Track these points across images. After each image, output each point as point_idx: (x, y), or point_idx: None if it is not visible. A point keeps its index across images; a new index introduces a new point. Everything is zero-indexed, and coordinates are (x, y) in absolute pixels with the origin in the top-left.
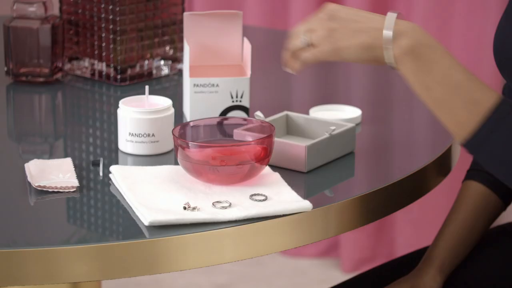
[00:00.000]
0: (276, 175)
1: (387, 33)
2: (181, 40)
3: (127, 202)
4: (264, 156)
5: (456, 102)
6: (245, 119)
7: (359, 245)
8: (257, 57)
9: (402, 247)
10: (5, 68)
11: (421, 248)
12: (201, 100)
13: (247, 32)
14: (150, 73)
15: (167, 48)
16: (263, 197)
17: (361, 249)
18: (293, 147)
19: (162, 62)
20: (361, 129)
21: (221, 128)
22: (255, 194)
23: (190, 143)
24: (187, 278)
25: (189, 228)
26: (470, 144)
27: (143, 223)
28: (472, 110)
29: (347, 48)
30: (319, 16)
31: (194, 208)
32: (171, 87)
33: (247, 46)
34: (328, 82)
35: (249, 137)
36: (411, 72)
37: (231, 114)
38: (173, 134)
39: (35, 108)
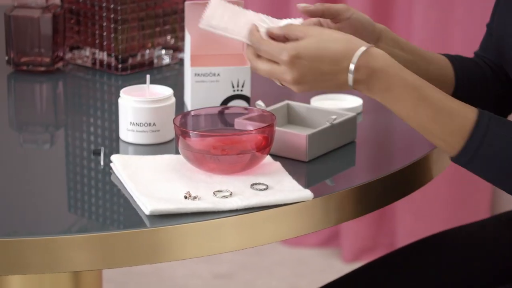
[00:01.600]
0: (277, 164)
1: (350, 85)
2: (182, 29)
3: (128, 191)
4: (265, 145)
5: (432, 135)
6: (246, 108)
7: (360, 234)
8: None
9: (403, 237)
10: (6, 58)
11: (422, 238)
12: (202, 89)
13: None
14: (151, 63)
15: (168, 37)
16: (264, 186)
17: (361, 239)
18: (294, 136)
19: (163, 51)
20: (362, 118)
21: (222, 117)
22: (256, 183)
23: (191, 132)
24: (187, 267)
25: (190, 217)
26: (458, 162)
27: (144, 212)
28: (449, 140)
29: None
30: (283, 78)
31: (195, 197)
32: (172, 76)
33: None
34: None
35: (250, 126)
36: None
37: (232, 103)
38: (174, 123)
39: (36, 98)
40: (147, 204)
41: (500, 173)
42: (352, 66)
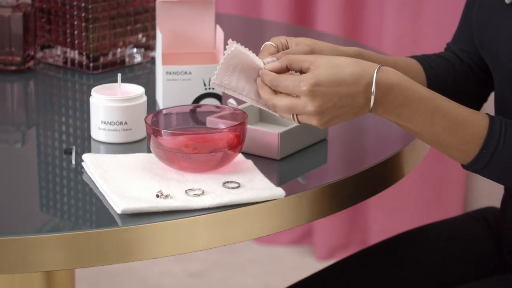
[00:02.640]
0: (249, 163)
1: (370, 107)
2: (153, 27)
3: (99, 190)
4: (237, 144)
5: (447, 146)
6: (217, 107)
7: (333, 232)
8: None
9: (376, 234)
10: None
11: (394, 235)
12: (174, 87)
13: (219, 19)
14: (122, 61)
15: (140, 35)
16: (236, 185)
17: (335, 236)
18: (266, 134)
19: (134, 50)
20: None
21: (193, 115)
22: (228, 182)
23: (163, 131)
24: (161, 266)
25: (162, 216)
26: (472, 169)
27: (115, 211)
28: (464, 149)
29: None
30: (305, 110)
31: (166, 196)
32: (144, 75)
33: (220, 33)
34: None
35: (222, 124)
36: (396, 124)
37: (204, 101)
38: (145, 122)
39: (7, 97)
40: (118, 203)
41: None
42: (373, 86)
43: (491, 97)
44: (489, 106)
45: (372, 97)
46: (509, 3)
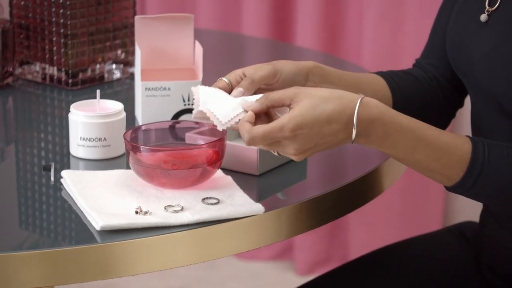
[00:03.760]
0: (228, 178)
1: (352, 140)
2: (132, 43)
3: (78, 207)
4: (216, 160)
5: (429, 171)
6: (196, 123)
7: (313, 247)
8: (209, 59)
9: (356, 249)
10: None
11: (374, 250)
12: (153, 103)
13: (198, 35)
14: (101, 77)
15: (119, 51)
16: (215, 201)
17: (315, 252)
18: (245, 150)
19: (113, 65)
20: None
21: (173, 131)
22: (207, 198)
23: (142, 147)
24: (141, 282)
25: (141, 232)
26: (455, 191)
27: (95, 228)
28: (448, 174)
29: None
30: (285, 151)
31: (146, 212)
32: (123, 91)
33: (199, 49)
34: None
35: (201, 140)
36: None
37: (183, 117)
38: (124, 138)
39: None
40: (97, 220)
41: (498, 197)
42: (355, 121)
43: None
44: (465, 110)
45: (354, 131)
46: (484, 21)
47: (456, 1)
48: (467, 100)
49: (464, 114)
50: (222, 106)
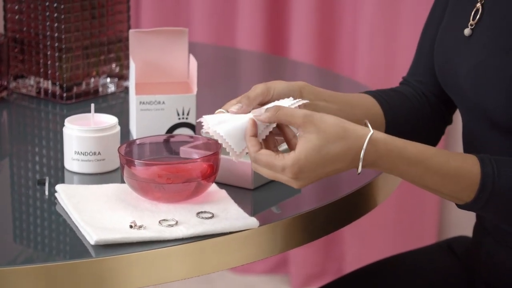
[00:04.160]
0: (223, 192)
1: (357, 172)
2: (127, 57)
3: (73, 221)
4: (211, 174)
5: (441, 194)
6: (191, 137)
7: (308, 261)
8: (203, 73)
9: (351, 262)
10: None
11: (368, 263)
12: (147, 117)
13: (193, 49)
14: (96, 91)
15: (113, 65)
16: (209, 215)
17: (310, 265)
18: (240, 164)
19: (108, 79)
20: None
21: (167, 145)
22: (201, 212)
23: (136, 161)
24: None
25: (135, 246)
26: (467, 209)
27: (89, 242)
28: (459, 196)
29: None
30: (287, 182)
31: (140, 227)
32: (117, 104)
33: (193, 63)
34: None
35: (196, 154)
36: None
37: (177, 131)
38: (119, 152)
39: None
40: (92, 234)
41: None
42: (361, 156)
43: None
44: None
45: (360, 165)
46: (468, 35)
47: (442, 16)
48: (457, 117)
49: (458, 130)
50: (234, 132)
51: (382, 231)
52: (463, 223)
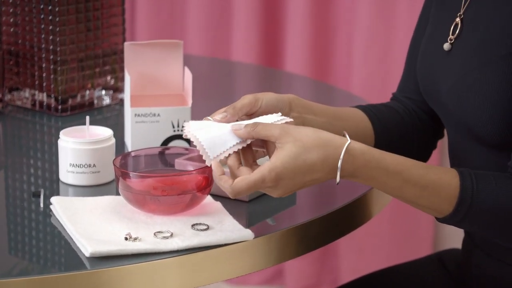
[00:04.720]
0: (218, 204)
1: (336, 182)
2: (122, 69)
3: (68, 233)
4: (206, 186)
5: (419, 207)
6: (186, 149)
7: (304, 272)
8: (198, 86)
9: (347, 274)
10: None
11: (364, 275)
12: (143, 129)
13: (188, 61)
14: (91, 103)
15: (108, 78)
16: (205, 227)
17: (305, 276)
18: None
19: (103, 92)
20: None
21: (162, 157)
22: (196, 224)
23: (131, 173)
24: None
25: (130, 258)
26: (446, 223)
27: (84, 254)
28: (438, 209)
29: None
30: (269, 193)
31: (135, 239)
32: (112, 117)
33: (188, 75)
34: None
35: (191, 166)
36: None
37: (172, 143)
38: (114, 164)
39: None
40: (87, 246)
41: (490, 227)
42: (339, 166)
43: None
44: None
45: (338, 175)
46: (448, 50)
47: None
48: None
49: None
50: (212, 139)
51: (377, 243)
52: (459, 235)
